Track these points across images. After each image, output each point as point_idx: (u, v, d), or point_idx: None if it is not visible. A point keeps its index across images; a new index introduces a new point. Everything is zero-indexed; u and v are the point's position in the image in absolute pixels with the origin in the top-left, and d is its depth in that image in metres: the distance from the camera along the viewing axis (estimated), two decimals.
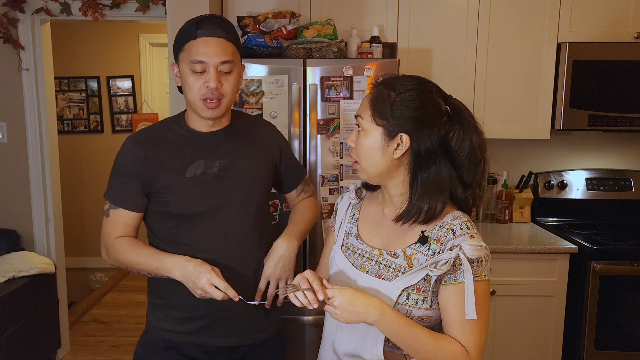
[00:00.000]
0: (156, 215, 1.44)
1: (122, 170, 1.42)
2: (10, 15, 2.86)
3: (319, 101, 2.26)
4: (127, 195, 1.42)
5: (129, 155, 1.42)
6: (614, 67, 2.57)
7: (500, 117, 2.68)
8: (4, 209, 3.06)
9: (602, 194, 2.90)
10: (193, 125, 1.45)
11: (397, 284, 1.12)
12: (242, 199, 1.44)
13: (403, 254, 1.15)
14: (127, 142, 1.44)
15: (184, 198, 1.40)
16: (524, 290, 2.48)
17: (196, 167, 1.41)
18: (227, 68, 1.36)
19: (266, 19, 2.42)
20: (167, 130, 1.45)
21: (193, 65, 1.34)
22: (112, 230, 1.44)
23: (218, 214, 1.42)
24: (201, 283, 1.29)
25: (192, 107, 1.40)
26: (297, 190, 1.65)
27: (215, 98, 1.35)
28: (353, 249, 1.24)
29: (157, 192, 1.41)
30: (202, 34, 1.34)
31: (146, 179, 1.40)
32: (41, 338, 2.98)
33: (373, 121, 1.13)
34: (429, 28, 2.63)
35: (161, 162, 1.40)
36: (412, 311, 1.11)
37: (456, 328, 1.09)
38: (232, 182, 1.43)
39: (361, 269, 1.19)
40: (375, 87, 1.18)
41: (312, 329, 2.37)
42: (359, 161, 1.17)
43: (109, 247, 1.44)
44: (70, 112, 4.92)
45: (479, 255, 1.08)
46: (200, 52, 1.33)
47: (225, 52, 1.35)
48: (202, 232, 1.41)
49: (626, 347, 2.47)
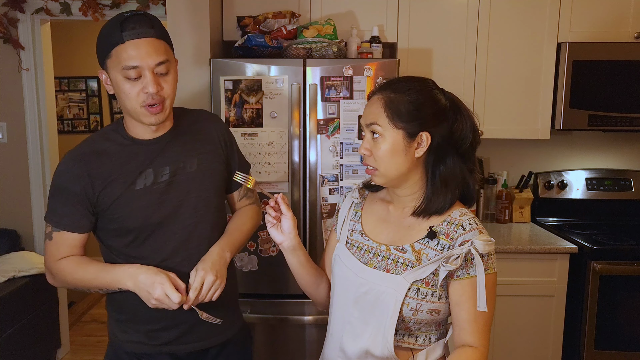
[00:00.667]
0: (110, 232, 1.37)
1: (63, 191, 1.32)
2: (10, 15, 2.86)
3: (319, 101, 2.26)
4: (70, 217, 1.32)
5: (70, 174, 1.31)
6: (614, 67, 2.57)
7: (500, 117, 2.68)
8: (4, 209, 3.06)
9: (602, 194, 2.90)
10: (135, 134, 1.35)
11: (407, 277, 1.13)
12: (197, 201, 1.38)
13: (412, 249, 1.17)
14: (65, 159, 1.33)
15: (137, 211, 1.32)
16: (524, 290, 2.48)
17: (145, 178, 1.33)
18: (163, 69, 1.26)
19: (266, 19, 2.42)
20: (107, 142, 1.35)
21: (126, 72, 1.23)
22: (56, 253, 1.35)
23: (174, 221, 1.36)
24: (157, 294, 1.23)
25: (132, 115, 1.30)
26: (240, 192, 1.56)
27: (157, 102, 1.26)
28: (358, 246, 1.25)
29: (106, 210, 1.33)
30: (130, 36, 1.22)
31: (92, 198, 1.31)
32: (41, 338, 2.98)
33: (392, 125, 1.14)
34: (429, 28, 2.63)
35: (107, 178, 1.31)
36: (422, 304, 1.13)
37: (470, 321, 1.12)
38: (185, 186, 1.37)
39: (368, 264, 1.20)
40: (382, 92, 1.17)
41: (312, 329, 2.37)
42: (378, 167, 1.17)
43: (53, 270, 1.36)
44: (70, 112, 4.92)
45: (489, 250, 1.12)
46: (131, 56, 1.22)
47: (158, 52, 1.24)
48: (160, 242, 1.35)
49: (626, 347, 2.47)
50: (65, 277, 1.35)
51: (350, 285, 1.21)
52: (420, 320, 1.15)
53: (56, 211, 1.34)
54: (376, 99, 1.17)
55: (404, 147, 1.14)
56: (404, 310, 1.13)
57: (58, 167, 1.35)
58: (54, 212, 1.34)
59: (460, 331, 1.14)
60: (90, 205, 1.33)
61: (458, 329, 1.14)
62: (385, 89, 1.17)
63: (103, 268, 1.34)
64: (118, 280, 1.29)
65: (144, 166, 1.34)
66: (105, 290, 1.35)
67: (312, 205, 2.30)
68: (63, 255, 1.35)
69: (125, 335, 1.43)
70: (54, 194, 1.35)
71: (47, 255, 1.37)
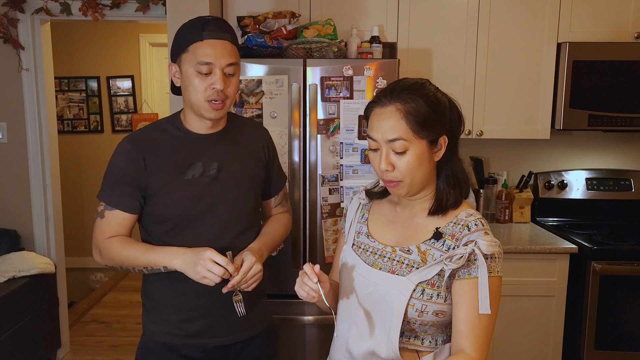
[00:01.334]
0: (151, 217, 1.44)
1: (118, 171, 1.41)
2: (10, 15, 2.86)
3: (319, 101, 2.26)
4: (123, 197, 1.41)
5: (126, 157, 1.40)
6: (614, 67, 2.57)
7: (501, 117, 2.68)
8: (4, 209, 3.06)
9: (602, 194, 2.90)
10: (190, 127, 1.44)
11: (412, 278, 1.13)
12: (235, 199, 1.45)
13: (417, 250, 1.16)
14: (123, 143, 1.42)
15: (179, 200, 1.40)
16: (524, 290, 2.48)
17: (194, 170, 1.41)
18: (231, 70, 1.38)
19: (266, 19, 2.42)
20: (163, 132, 1.44)
21: (199, 67, 1.34)
22: (106, 231, 1.43)
23: (212, 215, 1.43)
24: (205, 255, 1.30)
25: (194, 108, 1.39)
26: (276, 199, 1.65)
27: (221, 99, 1.36)
28: (364, 247, 1.25)
29: (154, 195, 1.40)
30: (209, 35, 1.34)
31: (142, 182, 1.39)
32: (41, 338, 2.98)
33: (416, 137, 1.11)
34: (429, 28, 2.63)
35: (159, 165, 1.40)
36: (427, 306, 1.12)
37: (466, 323, 1.10)
38: (227, 183, 1.44)
39: (373, 265, 1.20)
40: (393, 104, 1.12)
41: (312, 329, 2.37)
42: (404, 179, 1.14)
43: (102, 246, 1.43)
44: (70, 112, 4.92)
45: (493, 251, 1.10)
46: (206, 53, 1.33)
47: (230, 55, 1.37)
48: (196, 234, 1.42)
49: (626, 347, 2.47)
50: (113, 254, 1.41)
51: (356, 286, 1.21)
52: (426, 321, 1.14)
53: (110, 191, 1.42)
54: (391, 111, 1.11)
55: (428, 155, 1.13)
56: (409, 312, 1.12)
57: (116, 149, 1.43)
58: (108, 192, 1.42)
59: (456, 333, 1.11)
60: (140, 188, 1.40)
61: (455, 331, 1.12)
62: (395, 99, 1.12)
63: (150, 247, 1.42)
64: (164, 258, 1.37)
65: (194, 158, 1.42)
66: (150, 269, 1.40)
67: (312, 205, 2.30)
68: (112, 234, 1.42)
69: (155, 325, 1.49)
70: (109, 175, 1.43)
71: (97, 232, 1.44)
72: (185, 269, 1.34)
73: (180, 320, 1.45)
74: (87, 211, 4.99)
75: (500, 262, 1.13)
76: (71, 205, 4.70)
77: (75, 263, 4.80)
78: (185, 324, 1.45)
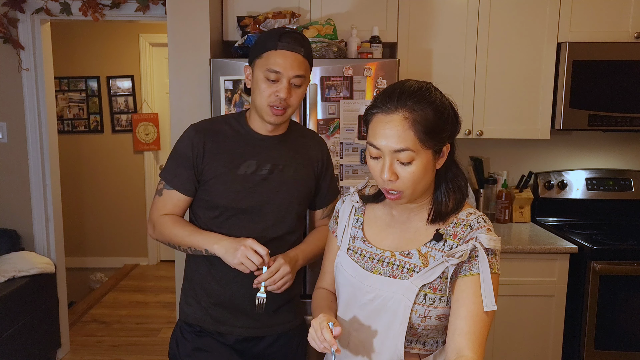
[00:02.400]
0: (201, 202, 1.53)
1: (181, 154, 1.51)
2: (10, 15, 2.86)
3: (319, 101, 2.26)
4: (182, 178, 1.50)
5: (189, 141, 1.50)
6: (614, 67, 2.57)
7: (501, 117, 2.68)
8: (4, 209, 3.06)
9: (602, 194, 2.90)
10: (253, 126, 1.53)
11: (415, 282, 1.11)
12: (282, 202, 1.52)
13: (418, 253, 1.14)
14: (189, 129, 1.52)
15: (229, 192, 1.48)
16: (524, 290, 2.48)
17: (248, 166, 1.50)
18: (298, 82, 1.45)
19: (266, 19, 2.42)
20: (227, 126, 1.54)
21: (268, 74, 1.42)
22: (162, 208, 1.53)
23: (258, 212, 1.50)
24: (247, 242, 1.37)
25: (257, 109, 1.48)
26: (323, 212, 1.70)
27: (282, 107, 1.44)
28: (361, 253, 1.21)
29: (207, 182, 1.49)
30: (283, 46, 1.42)
31: (199, 167, 1.49)
32: (41, 338, 2.98)
33: (423, 147, 1.06)
34: (429, 28, 2.63)
35: (217, 154, 1.49)
36: (430, 310, 1.10)
37: (467, 320, 1.06)
38: (277, 185, 1.52)
39: (372, 271, 1.17)
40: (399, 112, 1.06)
41: None
42: (406, 189, 1.09)
43: (155, 222, 1.53)
44: (70, 112, 4.92)
45: (495, 246, 1.09)
46: (277, 63, 1.41)
47: (299, 67, 1.44)
48: (240, 227, 1.50)
49: (626, 347, 2.47)
50: (164, 230, 1.51)
51: (355, 292, 1.18)
52: (429, 326, 1.12)
53: (170, 171, 1.53)
54: (398, 120, 1.05)
55: (433, 164, 1.10)
56: (413, 318, 1.10)
57: (182, 134, 1.53)
58: (169, 172, 1.53)
59: (455, 331, 1.07)
60: (197, 172, 1.50)
61: (454, 329, 1.07)
62: (402, 107, 1.06)
63: (197, 230, 1.51)
64: (207, 242, 1.45)
65: (250, 156, 1.51)
66: (194, 249, 1.49)
67: None
68: (167, 212, 1.53)
69: (189, 308, 1.58)
70: (173, 157, 1.54)
71: (153, 208, 1.55)
72: (225, 253, 1.40)
73: (211, 304, 1.54)
74: (87, 211, 4.99)
75: (499, 259, 1.12)
76: (71, 205, 4.71)
77: (75, 263, 4.80)
78: (214, 309, 1.54)
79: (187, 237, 1.48)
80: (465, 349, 1.04)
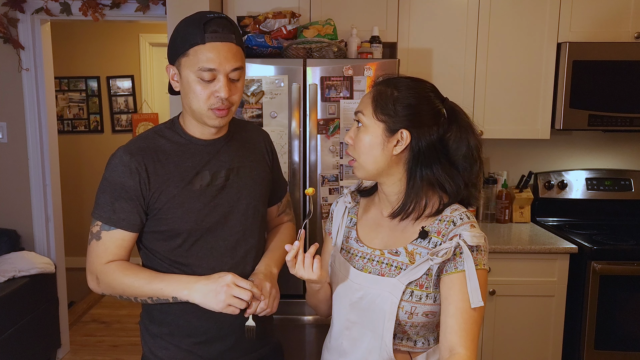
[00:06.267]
0: (156, 234, 1.30)
1: (117, 185, 1.25)
2: (10, 15, 2.86)
3: (319, 101, 2.26)
4: (124, 213, 1.25)
5: (125, 168, 1.24)
6: (614, 67, 2.57)
7: (501, 117, 2.68)
8: (4, 209, 3.06)
9: (602, 194, 2.90)
10: (193, 133, 1.32)
11: (401, 279, 1.13)
12: (246, 209, 1.35)
13: (405, 250, 1.16)
14: (119, 153, 1.26)
15: (190, 213, 1.27)
16: (524, 290, 2.48)
17: (202, 179, 1.29)
18: (236, 75, 1.24)
19: (266, 19, 2.42)
20: (163, 139, 1.31)
21: (201, 73, 1.20)
22: (103, 255, 1.27)
23: (224, 227, 1.32)
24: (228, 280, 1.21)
25: (195, 115, 1.27)
26: (279, 206, 1.55)
27: (226, 107, 1.24)
28: (353, 252, 1.24)
29: (159, 209, 1.27)
30: (212, 38, 1.20)
31: (146, 195, 1.25)
32: (41, 338, 2.98)
33: (374, 117, 1.15)
34: (429, 28, 2.63)
35: (163, 175, 1.26)
36: (417, 307, 1.12)
37: (456, 317, 1.07)
38: (237, 191, 1.34)
39: (363, 270, 1.20)
40: (377, 85, 1.20)
41: (312, 329, 2.37)
42: (357, 158, 1.18)
43: (99, 273, 1.28)
44: (70, 112, 4.92)
45: (479, 243, 1.09)
46: (209, 59, 1.19)
47: (235, 58, 1.23)
48: (207, 248, 1.30)
49: (626, 347, 2.47)
50: (112, 282, 1.27)
51: (347, 291, 1.21)
52: (417, 323, 1.14)
53: (106, 208, 1.26)
54: (370, 90, 1.20)
55: (382, 140, 1.14)
56: (400, 314, 1.12)
57: (111, 161, 1.27)
58: (106, 209, 1.26)
59: (446, 329, 1.08)
60: (144, 202, 1.26)
61: (445, 327, 1.08)
62: (381, 83, 1.20)
63: (155, 275, 1.27)
64: (173, 288, 1.24)
65: (200, 167, 1.30)
66: (156, 299, 1.26)
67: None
68: (110, 259, 1.28)
69: (166, 352, 1.34)
70: (107, 190, 1.26)
71: (92, 257, 1.29)
72: (204, 299, 1.21)
73: (196, 343, 1.33)
74: (87, 211, 4.99)
75: (486, 255, 1.12)
76: (71, 205, 4.70)
77: (75, 263, 4.78)
78: (201, 348, 1.33)
79: (145, 286, 1.24)
80: (457, 346, 1.06)
